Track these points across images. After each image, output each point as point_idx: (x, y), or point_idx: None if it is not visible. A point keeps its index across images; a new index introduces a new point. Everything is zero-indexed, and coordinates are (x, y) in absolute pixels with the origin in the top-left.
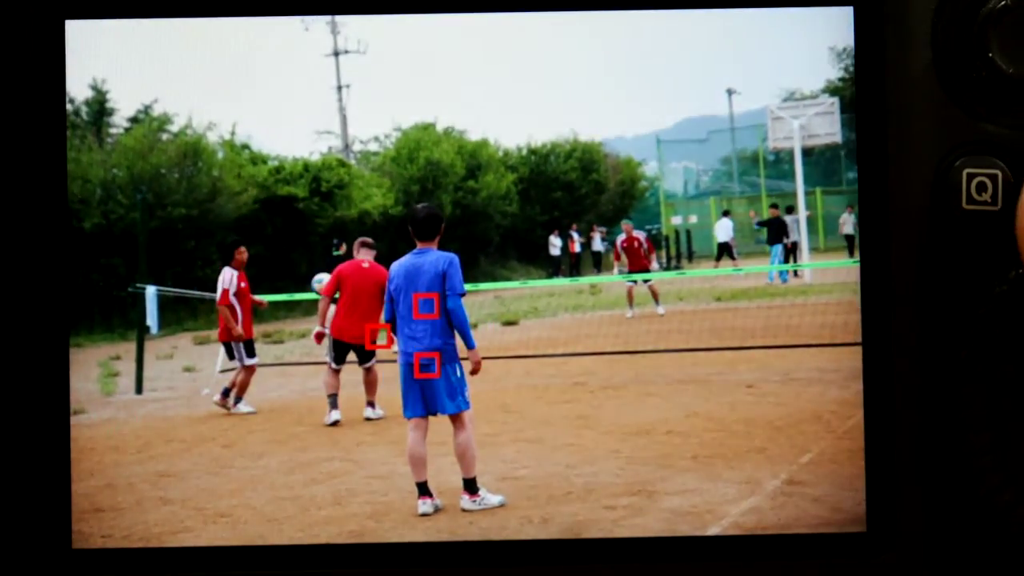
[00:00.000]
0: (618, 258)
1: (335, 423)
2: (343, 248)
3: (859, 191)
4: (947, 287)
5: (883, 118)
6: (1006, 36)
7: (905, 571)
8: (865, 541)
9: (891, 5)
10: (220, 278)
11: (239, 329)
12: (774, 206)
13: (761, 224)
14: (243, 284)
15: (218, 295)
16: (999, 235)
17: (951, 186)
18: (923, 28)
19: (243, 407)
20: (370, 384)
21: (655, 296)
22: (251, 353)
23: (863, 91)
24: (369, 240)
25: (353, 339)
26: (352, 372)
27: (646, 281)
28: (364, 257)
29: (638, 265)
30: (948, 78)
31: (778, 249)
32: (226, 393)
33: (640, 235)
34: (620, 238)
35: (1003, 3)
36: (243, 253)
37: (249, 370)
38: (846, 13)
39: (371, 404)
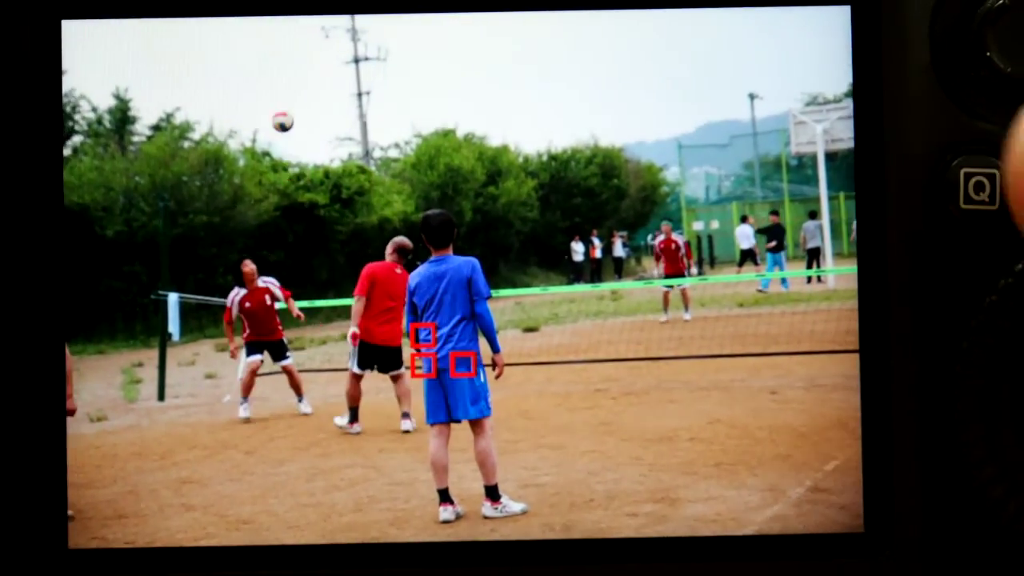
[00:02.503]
0: (659, 260)
1: (357, 434)
2: None
3: (856, 191)
4: (944, 287)
5: (880, 117)
6: (1004, 35)
7: (903, 571)
8: (863, 541)
9: (888, 4)
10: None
11: (233, 345)
12: (774, 213)
13: (761, 231)
14: (248, 304)
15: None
16: (997, 234)
17: (949, 186)
18: (921, 27)
19: (242, 411)
20: (402, 395)
21: (686, 302)
22: (281, 355)
23: (861, 90)
24: (408, 244)
25: (379, 342)
26: (372, 379)
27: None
28: (397, 260)
29: (674, 268)
30: (946, 77)
31: (773, 257)
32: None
33: (679, 238)
34: (659, 239)
35: (1001, 2)
36: (246, 265)
37: (286, 369)
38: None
39: (405, 415)
